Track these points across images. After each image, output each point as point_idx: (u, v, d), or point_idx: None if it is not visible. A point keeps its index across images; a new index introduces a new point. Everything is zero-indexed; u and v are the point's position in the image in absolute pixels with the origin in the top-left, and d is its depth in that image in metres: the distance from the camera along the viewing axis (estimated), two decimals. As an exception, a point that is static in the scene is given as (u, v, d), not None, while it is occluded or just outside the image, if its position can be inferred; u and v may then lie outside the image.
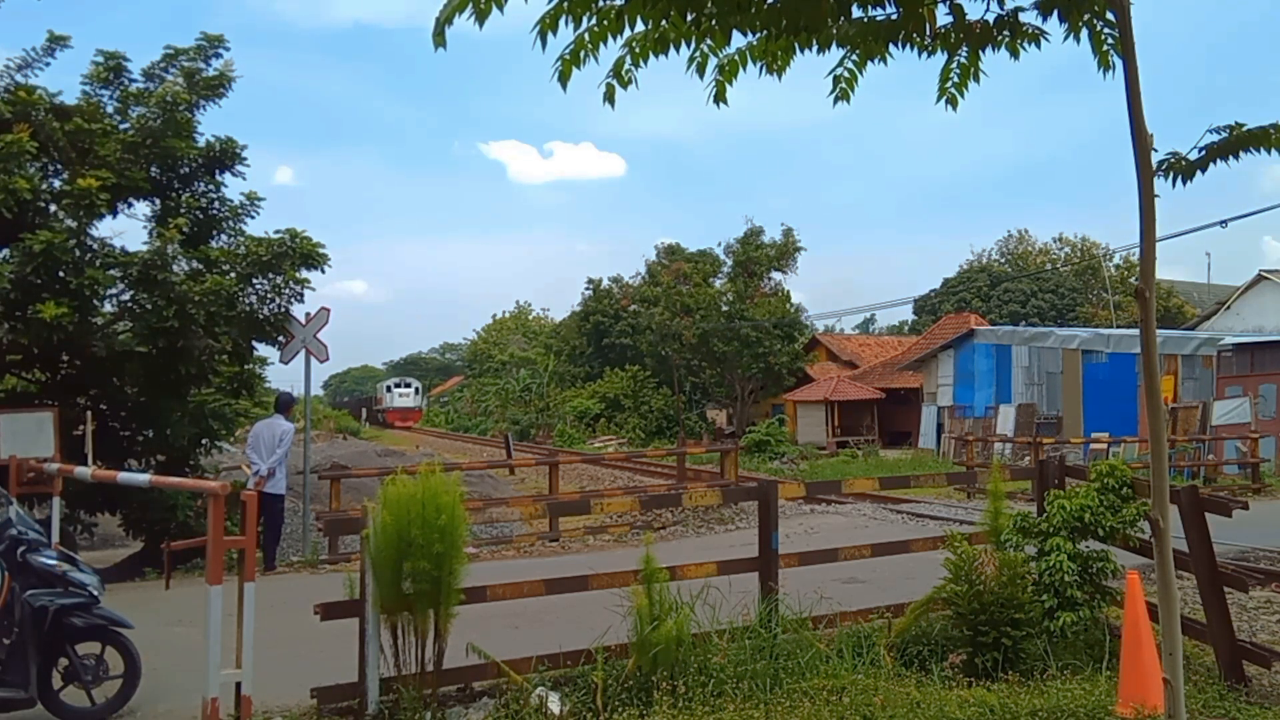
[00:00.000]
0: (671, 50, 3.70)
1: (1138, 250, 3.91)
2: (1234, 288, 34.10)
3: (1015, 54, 3.92)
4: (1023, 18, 3.84)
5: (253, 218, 13.92)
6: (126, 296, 12.16)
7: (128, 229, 28.76)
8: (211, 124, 33.08)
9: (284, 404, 12.64)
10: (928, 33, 3.79)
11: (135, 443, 13.53)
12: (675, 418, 46.62)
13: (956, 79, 4.07)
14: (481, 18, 3.27)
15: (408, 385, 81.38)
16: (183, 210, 12.79)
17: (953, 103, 4.12)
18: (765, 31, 3.62)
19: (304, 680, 5.87)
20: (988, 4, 3.83)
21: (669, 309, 43.76)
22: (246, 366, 14.56)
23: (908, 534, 12.45)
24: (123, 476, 7.02)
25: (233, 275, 12.58)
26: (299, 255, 12.94)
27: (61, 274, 11.10)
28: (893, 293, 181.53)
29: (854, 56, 3.93)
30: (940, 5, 3.76)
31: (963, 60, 4.00)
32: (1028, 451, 22.93)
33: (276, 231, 13.13)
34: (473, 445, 48.73)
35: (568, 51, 3.56)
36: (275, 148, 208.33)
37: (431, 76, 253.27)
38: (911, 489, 15.98)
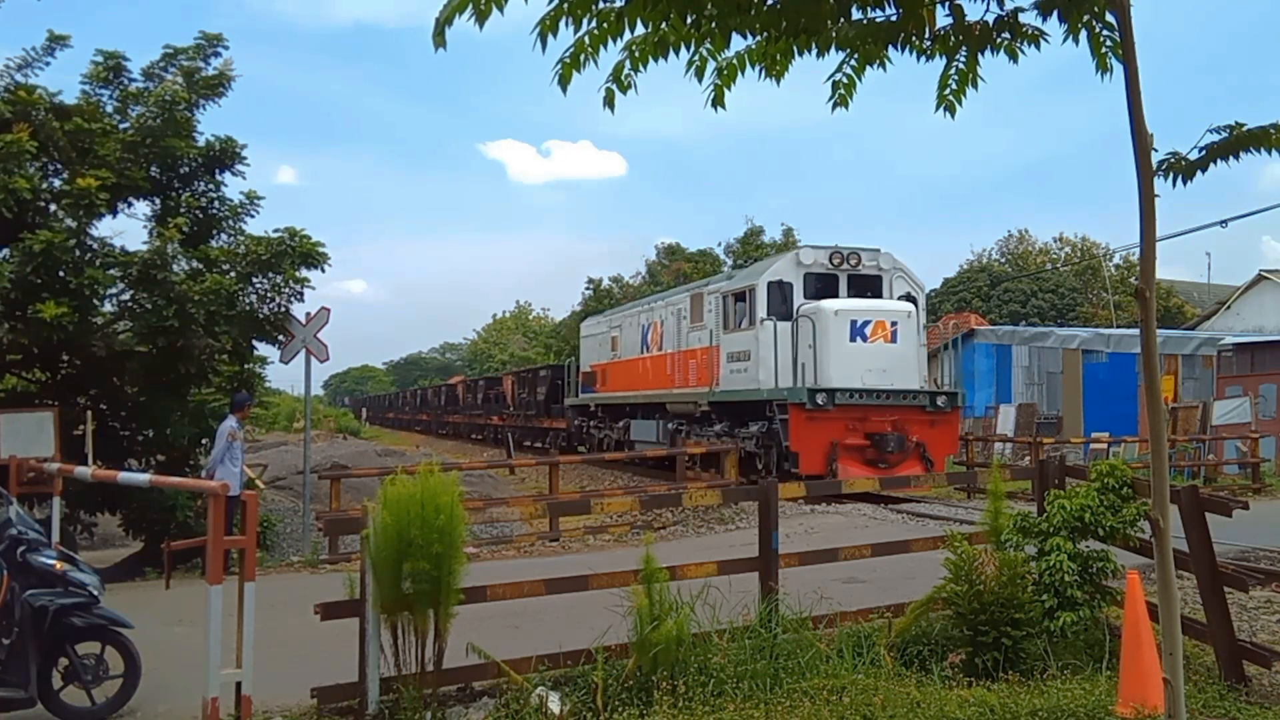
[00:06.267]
0: (671, 54, 3.70)
1: (1138, 250, 3.92)
2: (1234, 288, 34.15)
3: (1014, 57, 3.92)
4: (1022, 19, 3.84)
5: (252, 217, 14.00)
6: (126, 296, 12.18)
7: (128, 229, 28.75)
8: (211, 123, 33.05)
9: (234, 404, 12.40)
10: (927, 34, 3.79)
11: (135, 443, 13.55)
12: (675, 417, 46.44)
13: (955, 85, 4.07)
14: (482, 19, 3.26)
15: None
16: (183, 210, 12.80)
17: (951, 110, 4.12)
18: (765, 34, 3.62)
19: (304, 680, 5.87)
20: (987, 5, 3.83)
21: (669, 308, 43.67)
22: (246, 366, 14.57)
23: (908, 534, 12.44)
24: (123, 476, 7.04)
25: (233, 274, 12.59)
26: (299, 254, 12.95)
27: (61, 274, 11.11)
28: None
29: (853, 61, 3.93)
30: (940, 6, 3.75)
31: (961, 66, 4.00)
32: (1028, 451, 22.88)
33: (276, 231, 13.17)
34: (472, 445, 48.69)
35: (568, 55, 3.56)
36: (275, 148, 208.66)
37: (431, 76, 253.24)
38: (911, 489, 15.97)
